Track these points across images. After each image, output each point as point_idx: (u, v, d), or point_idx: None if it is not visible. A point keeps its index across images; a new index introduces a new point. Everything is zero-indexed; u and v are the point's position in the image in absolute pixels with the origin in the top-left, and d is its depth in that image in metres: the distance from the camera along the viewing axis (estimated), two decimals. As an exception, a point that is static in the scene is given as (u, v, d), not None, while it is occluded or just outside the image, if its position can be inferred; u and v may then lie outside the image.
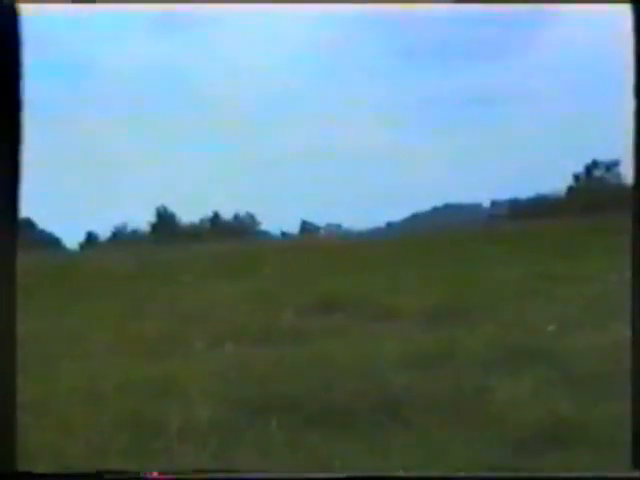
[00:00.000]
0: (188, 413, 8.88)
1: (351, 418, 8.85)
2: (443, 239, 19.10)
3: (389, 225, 22.70)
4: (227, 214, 29.18)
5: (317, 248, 19.30)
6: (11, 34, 4.62)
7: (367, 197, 20.43)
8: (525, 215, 21.45)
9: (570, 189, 25.19)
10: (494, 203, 23.66)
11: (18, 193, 4.76)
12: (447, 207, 22.68)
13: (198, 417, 8.81)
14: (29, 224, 33.20)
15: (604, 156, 24.05)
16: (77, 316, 13.67)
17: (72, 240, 29.72)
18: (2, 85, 4.61)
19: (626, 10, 4.81)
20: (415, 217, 22.42)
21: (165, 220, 30.04)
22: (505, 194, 22.96)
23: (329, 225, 23.73)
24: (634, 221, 4.95)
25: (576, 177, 25.64)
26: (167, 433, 8.30)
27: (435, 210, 22.60)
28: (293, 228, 24.70)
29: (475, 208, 23.02)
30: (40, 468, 7.30)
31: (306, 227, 24.52)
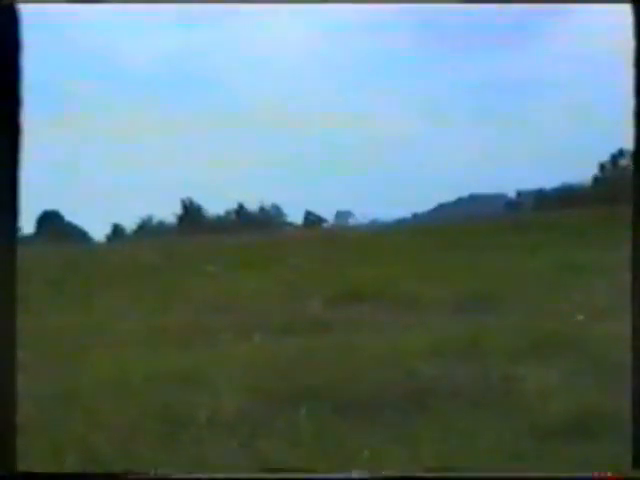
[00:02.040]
0: (216, 403, 8.87)
1: (379, 408, 8.80)
2: (469, 229, 19.04)
3: (415, 216, 22.64)
4: (252, 206, 29.22)
5: (343, 238, 19.26)
6: (11, 34, 4.63)
7: (393, 188, 20.38)
8: (551, 205, 21.33)
9: (596, 179, 25.06)
10: (520, 193, 23.54)
11: (17, 192, 4.72)
12: (472, 198, 22.59)
13: (226, 407, 8.79)
14: (56, 217, 33.42)
15: (630, 145, 23.82)
16: (105, 307, 13.71)
17: (99, 232, 29.82)
18: (2, 85, 4.62)
19: (626, 10, 4.76)
20: (441, 207, 22.36)
21: (191, 212, 30.12)
22: (531, 184, 22.84)
23: (355, 216, 23.69)
24: (634, 220, 4.92)
25: (602, 166, 25.50)
26: (196, 423, 8.29)
27: (460, 200, 22.52)
28: (318, 219, 24.68)
29: (500, 198, 22.93)
30: (70, 459, 7.34)
31: (331, 218, 24.50)
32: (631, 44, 4.67)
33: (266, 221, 27.12)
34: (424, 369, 9.81)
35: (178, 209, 30.68)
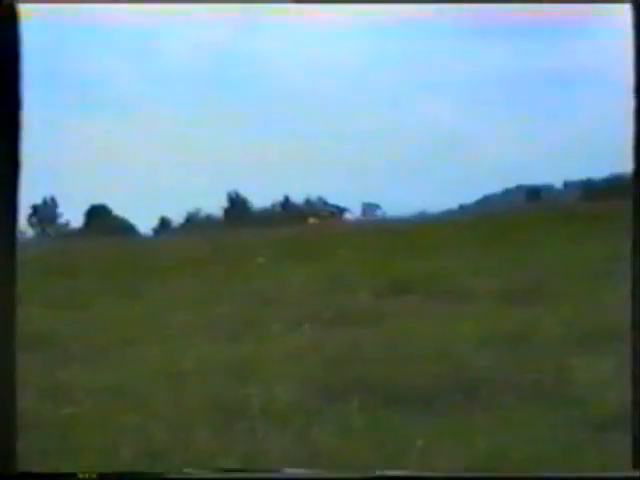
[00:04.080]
0: (268, 395, 8.87)
1: (431, 399, 8.76)
2: (516, 220, 18.86)
3: (462, 207, 22.45)
4: (298, 198, 29.17)
5: (391, 230, 19.16)
6: (11, 34, 4.62)
7: (439, 179, 20.22)
8: (599, 196, 21.07)
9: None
10: (567, 184, 23.28)
11: (17, 190, 4.75)
12: (519, 189, 22.37)
13: (278, 399, 8.79)
14: (104, 211, 33.60)
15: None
16: (154, 300, 13.75)
17: (146, 226, 29.91)
18: (2, 85, 4.61)
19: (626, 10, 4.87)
20: (487, 199, 22.15)
21: (237, 205, 30.15)
22: (578, 174, 22.58)
23: (401, 207, 23.57)
24: (634, 220, 5.00)
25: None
26: (249, 414, 8.30)
27: (507, 192, 22.30)
28: (365, 211, 24.60)
29: (548, 189, 22.68)
30: (125, 452, 7.38)
31: (378, 209, 24.39)
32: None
33: (313, 213, 27.07)
34: (475, 360, 9.75)
35: (225, 202, 30.72)
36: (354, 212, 26.42)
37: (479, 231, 18.19)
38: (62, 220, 35.76)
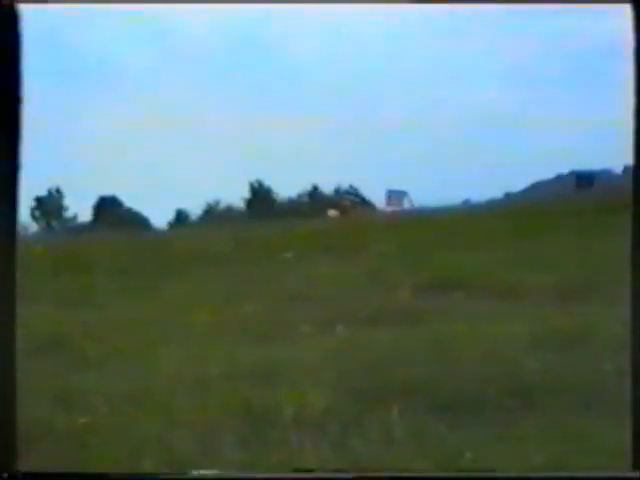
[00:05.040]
0: (301, 401, 8.87)
1: (480, 405, 8.72)
2: (568, 209, 18.74)
3: (508, 195, 22.34)
4: (327, 187, 29.12)
5: (432, 221, 19.11)
6: (11, 34, 4.89)
7: (483, 165, 20.12)
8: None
9: None
10: (627, 169, 23.10)
11: (17, 189, 5.00)
12: (572, 175, 22.20)
13: (312, 405, 8.78)
14: (115, 203, 33.71)
15: None
16: (174, 299, 13.76)
17: (161, 219, 29.94)
18: (2, 85, 4.88)
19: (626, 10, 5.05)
20: (536, 186, 22.02)
21: (260, 195, 30.14)
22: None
23: (441, 196, 23.47)
24: (634, 220, 5.10)
25: None
26: (280, 423, 8.29)
27: (560, 178, 22.15)
28: (401, 201, 24.49)
29: (605, 175, 22.48)
30: (147, 465, 7.39)
31: (416, 199, 24.28)
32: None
33: (341, 204, 27.00)
34: (528, 362, 9.69)
35: (247, 193, 30.72)
36: (389, 202, 26.32)
37: (527, 221, 18.11)
38: (69, 213, 35.94)
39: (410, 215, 21.66)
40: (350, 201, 26.91)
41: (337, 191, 28.38)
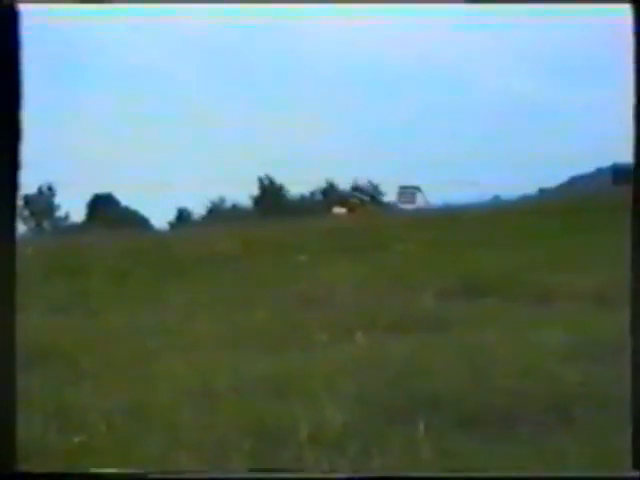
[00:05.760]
0: (317, 416, 8.83)
1: (513, 420, 8.68)
2: (607, 206, 18.68)
3: (542, 191, 22.35)
4: (343, 184, 29.16)
5: (458, 219, 19.09)
6: (11, 34, 5.14)
7: (517, 159, 20.11)
8: None
9: None
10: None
11: (17, 190, 5.22)
12: (615, 169, 22.15)
13: (329, 421, 8.74)
14: (111, 201, 33.80)
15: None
16: (178, 305, 13.77)
17: (162, 218, 30.04)
18: (2, 85, 5.13)
19: (626, 10, 5.17)
20: (573, 181, 22.01)
21: (270, 192, 30.18)
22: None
23: (469, 192, 23.45)
24: (634, 221, 5.16)
25: None
26: (295, 440, 8.24)
27: (599, 172, 22.10)
28: (424, 196, 24.49)
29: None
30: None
31: (443, 196, 24.23)
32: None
33: (351, 201, 27.03)
34: (565, 374, 9.65)
35: (255, 189, 30.78)
36: (401, 199, 26.31)
37: (563, 218, 18.09)
38: (60, 212, 36.00)
39: (434, 212, 21.66)
40: (358, 198, 26.91)
41: (355, 188, 28.42)
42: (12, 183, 5.18)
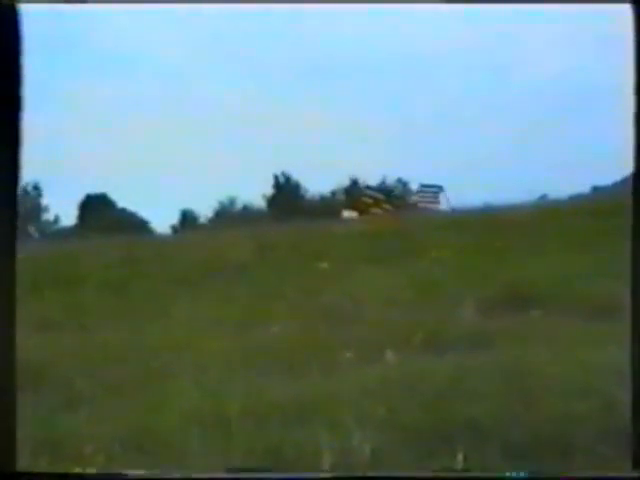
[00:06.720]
0: (343, 444, 8.83)
1: (567, 450, 8.65)
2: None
3: (595, 189, 22.30)
4: (369, 182, 29.14)
5: (501, 222, 19.05)
6: (11, 34, 5.50)
7: (566, 156, 20.07)
8: None
9: None
10: None
11: (17, 191, 5.55)
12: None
13: (357, 449, 8.74)
14: (106, 202, 33.84)
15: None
16: (185, 319, 13.78)
17: (164, 221, 30.08)
18: (3, 85, 5.46)
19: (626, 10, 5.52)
20: (629, 179, 21.93)
21: (286, 191, 30.19)
22: None
23: (510, 191, 23.42)
24: (634, 221, 5.40)
25: None
26: (318, 472, 8.23)
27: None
28: (462, 199, 24.43)
29: None
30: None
31: (480, 197, 24.20)
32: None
33: (390, 202, 27.02)
34: (624, 397, 9.58)
35: (269, 188, 30.80)
36: (422, 199, 26.31)
37: (617, 220, 18.00)
38: (49, 215, 36.03)
39: (469, 214, 21.62)
40: (372, 198, 26.84)
41: (381, 187, 28.41)
42: (12, 183, 5.45)
